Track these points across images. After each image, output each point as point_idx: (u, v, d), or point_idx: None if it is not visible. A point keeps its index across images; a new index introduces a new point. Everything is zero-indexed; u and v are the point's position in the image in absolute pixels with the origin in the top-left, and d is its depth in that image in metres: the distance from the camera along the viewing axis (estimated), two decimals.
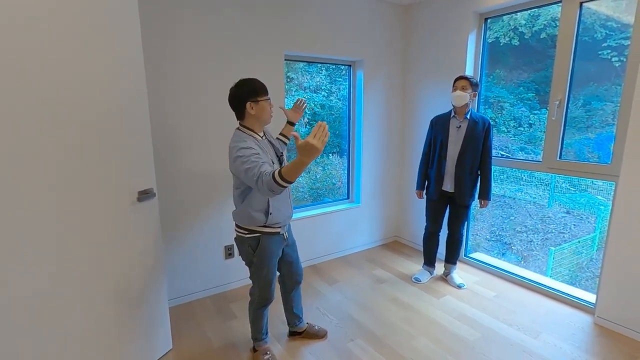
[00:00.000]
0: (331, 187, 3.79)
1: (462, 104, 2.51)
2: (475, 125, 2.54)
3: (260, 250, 1.77)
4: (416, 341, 2.16)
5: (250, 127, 1.70)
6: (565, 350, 2.06)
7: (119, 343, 1.76)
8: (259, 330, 2.00)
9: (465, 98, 2.48)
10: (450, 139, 2.61)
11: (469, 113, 2.56)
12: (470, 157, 2.56)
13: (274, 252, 1.82)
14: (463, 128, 2.57)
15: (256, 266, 1.81)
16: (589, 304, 2.44)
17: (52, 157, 1.41)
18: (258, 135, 1.72)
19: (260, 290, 1.86)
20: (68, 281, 1.51)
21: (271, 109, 1.72)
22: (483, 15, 2.86)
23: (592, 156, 4.39)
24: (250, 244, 1.77)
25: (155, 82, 2.26)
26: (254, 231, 1.75)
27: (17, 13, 1.27)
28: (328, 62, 3.17)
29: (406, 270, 3.10)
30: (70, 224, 1.50)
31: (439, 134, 2.66)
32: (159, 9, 2.21)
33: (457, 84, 2.53)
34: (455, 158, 2.59)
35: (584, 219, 5.43)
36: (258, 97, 1.65)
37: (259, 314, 1.95)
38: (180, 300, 2.58)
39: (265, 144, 1.73)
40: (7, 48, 1.25)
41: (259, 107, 1.66)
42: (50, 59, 1.37)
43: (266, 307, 1.95)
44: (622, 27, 3.35)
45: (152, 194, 1.81)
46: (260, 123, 1.72)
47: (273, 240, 1.79)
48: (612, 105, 4.09)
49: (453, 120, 2.61)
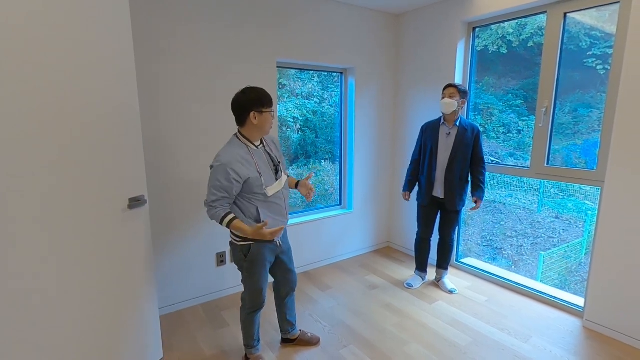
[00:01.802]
0: (323, 194, 3.80)
1: (450, 112, 2.55)
2: (464, 133, 2.58)
3: (252, 257, 1.78)
4: (408, 347, 2.16)
5: (247, 136, 1.72)
6: (555, 354, 2.09)
7: (108, 352, 1.73)
8: (251, 337, 1.99)
9: (454, 105, 2.53)
10: (440, 146, 2.64)
11: (459, 120, 2.60)
12: (460, 163, 2.59)
13: (265, 258, 1.82)
14: (453, 135, 2.60)
15: (247, 271, 1.81)
16: (578, 308, 2.47)
17: (42, 164, 1.40)
18: (253, 144, 1.74)
19: (251, 296, 1.87)
20: (55, 289, 1.49)
21: (272, 120, 1.73)
22: (471, 24, 2.92)
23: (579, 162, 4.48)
24: (242, 250, 1.78)
25: (148, 89, 2.25)
26: (246, 239, 1.75)
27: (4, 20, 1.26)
28: (320, 70, 3.20)
29: (398, 275, 3.11)
30: (59, 230, 1.48)
31: (428, 141, 2.70)
32: (151, 18, 2.21)
33: (446, 91, 2.57)
34: (445, 165, 2.62)
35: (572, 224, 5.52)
36: (263, 108, 1.66)
37: (250, 319, 1.94)
38: (171, 309, 2.55)
39: (259, 153, 1.75)
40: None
41: (262, 118, 1.67)
42: (41, 65, 1.36)
43: (257, 312, 1.94)
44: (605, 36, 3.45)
45: (143, 201, 1.80)
46: (260, 133, 1.73)
47: (265, 248, 1.80)
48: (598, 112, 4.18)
49: (443, 128, 2.65)
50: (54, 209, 1.45)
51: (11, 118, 1.30)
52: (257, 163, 1.71)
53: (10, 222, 1.33)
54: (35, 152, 1.37)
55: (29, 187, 1.37)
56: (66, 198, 1.49)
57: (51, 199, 1.44)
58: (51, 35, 1.39)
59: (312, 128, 3.73)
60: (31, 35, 1.33)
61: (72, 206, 1.51)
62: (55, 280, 1.48)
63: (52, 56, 1.39)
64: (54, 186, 1.44)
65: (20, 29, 1.30)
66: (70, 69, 1.45)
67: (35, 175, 1.38)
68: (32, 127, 1.35)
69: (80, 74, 1.49)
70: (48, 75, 1.39)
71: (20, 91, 1.31)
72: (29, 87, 1.34)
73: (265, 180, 1.72)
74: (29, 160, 1.36)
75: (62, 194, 1.47)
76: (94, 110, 1.56)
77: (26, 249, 1.38)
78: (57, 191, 1.45)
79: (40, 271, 1.43)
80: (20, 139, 1.33)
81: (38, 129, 1.37)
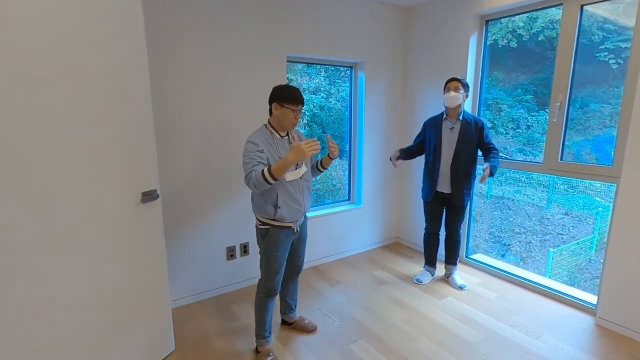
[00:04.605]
0: (331, 189, 3.79)
1: (455, 105, 2.52)
2: (468, 127, 2.55)
3: (269, 239, 1.90)
4: (418, 342, 2.16)
5: (274, 125, 1.88)
6: (567, 351, 2.07)
7: (121, 345, 1.75)
8: (262, 326, 2.02)
9: (459, 99, 2.50)
10: (444, 141, 2.61)
11: (462, 114, 2.58)
12: (465, 158, 2.57)
13: (281, 243, 1.92)
14: (456, 130, 2.58)
15: (264, 252, 1.94)
16: (590, 305, 2.45)
17: (54, 158, 1.40)
18: (278, 133, 1.88)
19: (265, 279, 1.96)
20: (69, 283, 1.50)
21: (295, 119, 1.84)
22: (484, 17, 2.87)
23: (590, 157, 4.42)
24: (261, 232, 1.92)
25: (160, 84, 2.25)
26: (265, 223, 1.88)
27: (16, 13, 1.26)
28: (330, 64, 3.18)
29: (407, 271, 3.11)
30: (73, 225, 1.49)
31: (432, 137, 2.67)
32: (159, 18, 2.20)
33: (450, 85, 2.54)
34: (449, 160, 2.60)
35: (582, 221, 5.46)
36: (284, 103, 1.80)
37: (263, 304, 2.00)
38: (182, 302, 2.57)
39: (282, 142, 1.89)
40: (12, 49, 1.25)
41: (281, 111, 1.82)
42: (54, 59, 1.36)
43: (271, 298, 2.00)
44: (619, 29, 3.37)
45: (155, 195, 1.80)
46: (280, 125, 1.87)
47: (282, 232, 1.91)
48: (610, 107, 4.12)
49: (445, 122, 2.63)
50: (66, 203, 1.45)
51: (27, 113, 1.30)
52: (279, 150, 1.85)
53: (22, 218, 1.34)
54: (48, 147, 1.38)
55: (42, 182, 1.37)
56: (79, 193, 1.49)
57: (63, 193, 1.44)
58: (68, 35, 1.38)
59: (319, 123, 3.72)
60: (54, 31, 1.33)
61: (85, 200, 1.52)
62: (68, 275, 1.49)
63: (70, 52, 1.39)
64: (66, 181, 1.45)
65: (44, 27, 1.30)
66: (84, 64, 1.45)
67: (48, 170, 1.39)
68: (46, 122, 1.36)
69: (93, 70, 1.49)
70: (63, 72, 1.39)
71: (36, 87, 1.31)
72: (45, 82, 1.34)
73: None
74: (43, 155, 1.36)
75: (75, 188, 1.48)
76: (106, 106, 1.55)
77: (39, 244, 1.39)
78: (69, 186, 1.46)
79: (53, 267, 1.44)
80: (34, 133, 1.33)
81: (52, 124, 1.37)
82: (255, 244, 2.06)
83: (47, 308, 1.44)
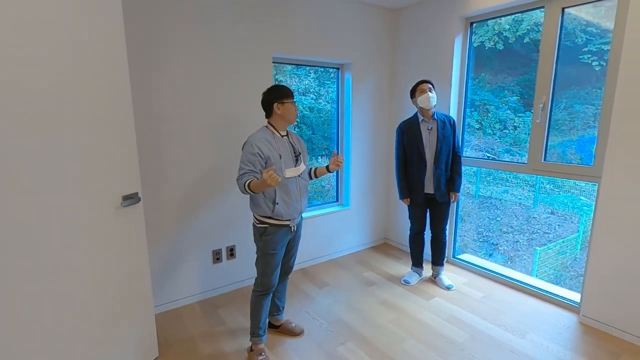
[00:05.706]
0: (320, 190, 3.78)
1: (433, 105, 2.59)
2: (443, 125, 2.64)
3: (266, 237, 1.94)
4: (406, 343, 2.16)
5: (274, 124, 1.95)
6: (551, 350, 2.09)
7: (103, 352, 1.71)
8: (257, 324, 2.03)
9: (435, 99, 2.59)
10: (425, 143, 2.65)
11: (435, 114, 2.65)
12: (444, 155, 2.65)
13: (278, 241, 1.96)
14: (434, 130, 2.64)
15: (261, 251, 1.97)
16: (574, 303, 2.48)
17: (33, 161, 1.36)
18: (279, 133, 1.95)
19: (262, 277, 1.99)
20: (48, 288, 1.46)
21: (296, 111, 1.95)
22: (469, 19, 2.90)
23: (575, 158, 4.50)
24: (259, 231, 1.96)
25: (142, 85, 2.21)
26: (263, 222, 1.92)
27: None
28: (317, 65, 3.17)
29: (395, 272, 3.11)
30: (51, 230, 1.45)
31: (413, 141, 2.67)
32: (145, 18, 2.17)
33: (423, 86, 2.59)
34: (432, 160, 2.65)
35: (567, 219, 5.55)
36: (284, 99, 1.91)
37: (259, 302, 2.01)
38: (167, 307, 2.53)
39: (282, 141, 1.95)
40: None
41: (284, 108, 1.91)
42: (33, 62, 1.33)
43: (266, 295, 2.02)
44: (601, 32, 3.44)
45: (137, 199, 1.77)
46: (284, 122, 1.95)
47: (280, 231, 1.95)
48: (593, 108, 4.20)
49: (423, 124, 2.66)
50: (44, 208, 1.42)
51: (4, 116, 1.27)
52: (279, 147, 1.92)
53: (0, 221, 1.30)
54: (26, 150, 1.34)
55: (20, 186, 1.34)
56: (57, 196, 1.45)
57: (41, 198, 1.41)
58: (44, 34, 1.35)
59: (309, 124, 3.71)
60: (26, 32, 1.29)
61: (64, 204, 1.48)
62: (47, 279, 1.45)
63: (49, 54, 1.36)
64: (44, 184, 1.41)
65: (15, 26, 1.26)
66: (62, 66, 1.42)
67: (26, 173, 1.35)
68: (24, 125, 1.32)
69: (72, 71, 1.45)
70: (42, 74, 1.35)
71: (13, 89, 1.28)
72: (22, 85, 1.30)
73: (285, 163, 1.91)
74: (21, 158, 1.32)
75: (53, 192, 1.44)
76: (85, 107, 1.52)
77: (16, 250, 1.35)
78: (47, 190, 1.42)
79: (32, 270, 1.40)
80: (12, 136, 1.29)
81: (30, 126, 1.34)
82: (243, 246, 2.06)
83: (22, 315, 1.39)
